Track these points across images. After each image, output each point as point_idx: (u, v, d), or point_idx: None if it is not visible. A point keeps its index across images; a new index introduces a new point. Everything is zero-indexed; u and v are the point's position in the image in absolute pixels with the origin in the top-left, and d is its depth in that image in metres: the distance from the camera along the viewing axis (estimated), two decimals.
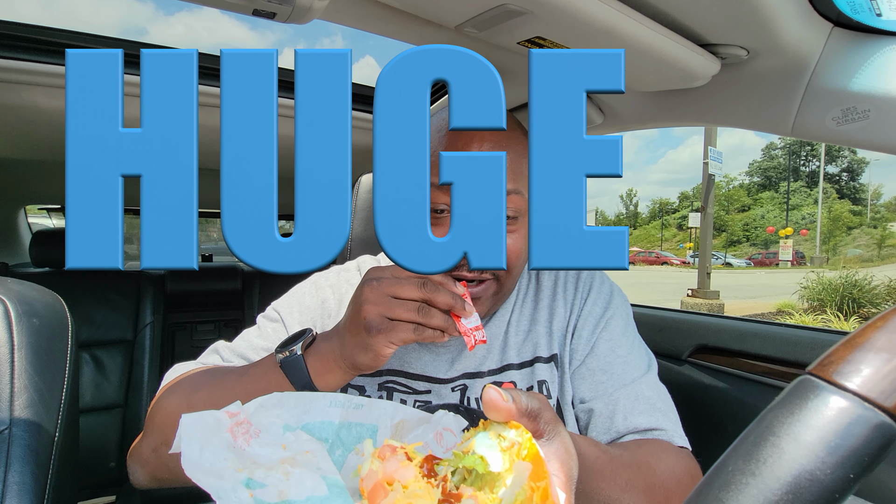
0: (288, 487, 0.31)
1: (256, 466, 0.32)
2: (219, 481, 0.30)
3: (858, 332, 0.23)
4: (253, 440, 0.34)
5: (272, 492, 0.31)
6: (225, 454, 0.32)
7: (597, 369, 0.60)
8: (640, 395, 0.58)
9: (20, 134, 1.21)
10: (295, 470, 0.32)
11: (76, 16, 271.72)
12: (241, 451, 0.33)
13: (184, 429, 0.32)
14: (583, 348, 0.62)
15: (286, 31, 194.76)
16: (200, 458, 0.31)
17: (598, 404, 0.59)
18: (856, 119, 0.63)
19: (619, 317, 0.64)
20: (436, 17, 0.61)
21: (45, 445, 0.47)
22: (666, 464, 0.51)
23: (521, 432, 0.31)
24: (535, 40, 0.63)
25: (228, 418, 0.34)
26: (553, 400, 0.61)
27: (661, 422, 0.57)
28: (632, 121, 0.95)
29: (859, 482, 0.20)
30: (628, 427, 0.56)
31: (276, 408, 0.37)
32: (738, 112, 0.78)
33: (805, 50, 0.65)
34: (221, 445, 0.32)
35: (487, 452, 0.30)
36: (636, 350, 0.63)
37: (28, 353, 0.47)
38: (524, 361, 0.62)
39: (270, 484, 0.31)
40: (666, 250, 50.29)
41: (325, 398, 0.39)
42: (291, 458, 0.34)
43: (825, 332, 0.88)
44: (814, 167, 51.13)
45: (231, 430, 0.33)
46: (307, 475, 0.32)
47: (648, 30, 0.61)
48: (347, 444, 0.38)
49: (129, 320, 1.72)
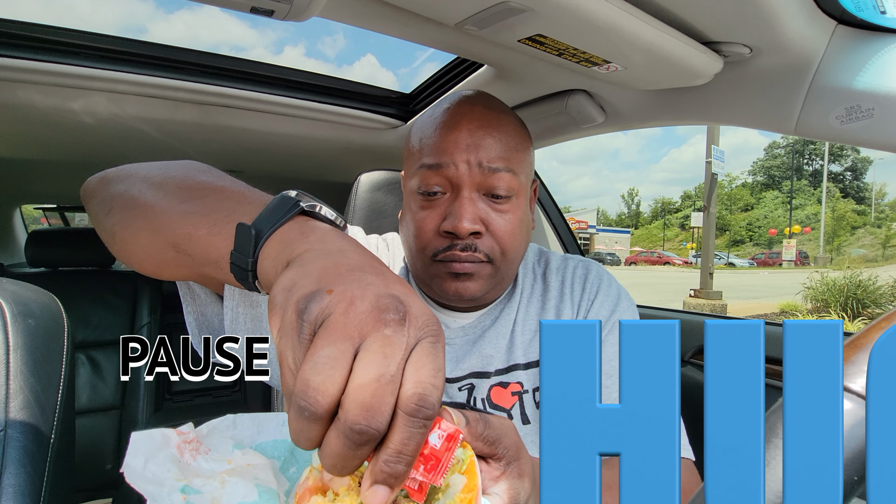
0: (221, 495, 0.32)
1: (196, 477, 0.33)
2: (157, 488, 0.31)
3: (862, 332, 0.23)
4: (200, 457, 0.34)
5: (206, 498, 0.32)
6: (168, 466, 0.33)
7: (602, 373, 0.59)
8: None
9: (15, 132, 1.20)
10: (232, 479, 0.33)
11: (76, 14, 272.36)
12: (185, 465, 0.34)
13: (132, 445, 0.32)
14: None
15: (287, 30, 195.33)
16: (144, 469, 0.32)
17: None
18: (860, 117, 0.63)
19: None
20: (435, 15, 0.61)
21: (41, 447, 0.47)
22: None
23: (466, 451, 0.31)
24: (536, 38, 0.63)
25: (177, 436, 0.35)
26: None
27: None
28: (633, 119, 0.95)
29: (864, 485, 0.19)
30: None
31: (228, 430, 0.38)
32: (740, 110, 0.77)
33: (808, 48, 0.65)
34: (167, 459, 0.33)
35: None
36: None
37: (24, 355, 0.47)
38: (530, 362, 0.62)
39: (206, 491, 0.32)
40: (668, 250, 50.18)
41: (277, 418, 0.39)
42: (232, 469, 0.34)
43: None
44: (817, 166, 50.94)
45: (179, 446, 0.34)
46: (242, 483, 0.33)
47: (650, 27, 0.60)
48: (301, 461, 0.39)
49: (125, 321, 1.72)
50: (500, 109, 0.60)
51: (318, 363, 0.23)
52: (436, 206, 0.57)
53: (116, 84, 0.95)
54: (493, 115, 0.58)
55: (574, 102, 0.95)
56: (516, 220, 0.57)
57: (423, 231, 0.57)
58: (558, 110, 0.98)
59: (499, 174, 0.55)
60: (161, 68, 0.97)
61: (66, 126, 1.12)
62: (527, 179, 0.60)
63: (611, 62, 0.69)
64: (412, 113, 1.26)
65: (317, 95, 1.14)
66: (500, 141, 0.56)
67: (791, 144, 49.09)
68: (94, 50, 0.92)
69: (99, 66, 0.92)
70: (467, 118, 0.57)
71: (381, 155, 1.45)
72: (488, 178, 0.55)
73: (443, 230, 0.56)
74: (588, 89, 0.94)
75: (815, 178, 50.26)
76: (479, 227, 0.55)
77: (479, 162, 0.55)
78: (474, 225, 0.54)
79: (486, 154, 0.55)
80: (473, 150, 0.55)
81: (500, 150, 0.56)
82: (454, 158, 0.55)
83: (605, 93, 0.92)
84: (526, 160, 0.60)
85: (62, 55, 0.90)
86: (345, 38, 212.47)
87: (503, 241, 0.56)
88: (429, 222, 0.57)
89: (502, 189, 0.56)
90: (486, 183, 0.56)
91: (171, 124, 1.15)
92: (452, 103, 0.60)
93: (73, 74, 0.91)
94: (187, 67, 1.00)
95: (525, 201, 0.60)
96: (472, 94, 0.61)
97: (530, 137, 0.63)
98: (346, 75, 57.34)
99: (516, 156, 0.57)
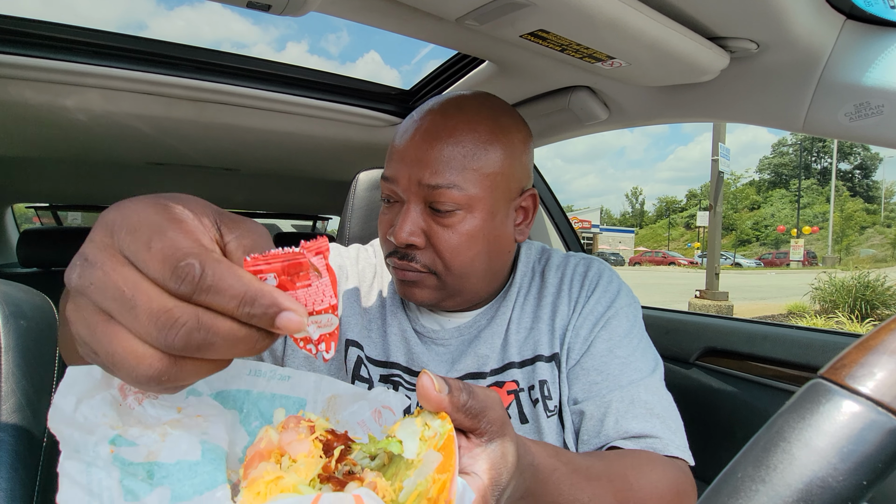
0: (160, 449, 0.28)
1: (135, 425, 0.28)
2: (83, 436, 0.26)
3: (872, 334, 0.22)
4: (147, 401, 0.29)
5: (141, 451, 0.28)
6: (105, 410, 0.28)
7: (591, 369, 0.58)
8: (635, 398, 0.55)
9: (7, 130, 1.20)
10: (175, 431, 0.29)
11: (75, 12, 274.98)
12: (127, 410, 0.29)
13: (64, 381, 0.28)
14: (579, 347, 0.60)
15: (290, 27, 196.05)
16: (74, 412, 0.27)
17: (589, 406, 0.56)
18: (869, 114, 0.62)
19: (623, 316, 0.61)
20: (436, 10, 0.60)
21: (33, 451, 0.46)
22: (648, 478, 0.47)
23: (445, 423, 0.29)
24: (538, 33, 0.62)
25: None
26: (554, 401, 0.59)
27: (656, 428, 0.53)
28: (638, 116, 0.93)
29: (873, 489, 0.19)
30: (619, 432, 0.53)
31: None
32: (747, 107, 0.76)
33: (817, 43, 0.64)
34: (104, 401, 0.28)
35: (407, 438, 0.28)
36: (640, 352, 0.60)
37: (15, 357, 0.46)
38: (525, 360, 0.61)
39: (142, 444, 0.28)
40: (673, 250, 49.93)
41: (246, 366, 0.36)
42: (178, 420, 0.30)
43: (837, 334, 0.87)
44: (826, 164, 50.45)
45: (121, 387, 0.29)
46: (186, 438, 0.29)
47: (655, 22, 0.60)
48: (267, 415, 0.35)
49: None
50: (463, 117, 0.56)
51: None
52: (390, 212, 0.59)
53: (110, 80, 0.95)
54: (448, 124, 0.55)
55: (577, 99, 0.94)
56: (464, 234, 0.55)
57: (381, 234, 0.60)
58: (561, 107, 0.97)
59: (439, 191, 0.54)
60: (156, 64, 0.97)
61: (59, 123, 1.12)
62: (490, 189, 0.56)
63: (614, 58, 0.68)
64: (412, 110, 1.25)
65: (315, 92, 1.13)
66: (447, 154, 0.54)
67: (799, 142, 48.66)
68: (88, 46, 0.91)
69: (93, 62, 0.91)
70: (419, 130, 0.56)
71: (381, 153, 1.44)
72: (430, 193, 0.54)
73: (388, 236, 0.58)
74: (591, 86, 0.93)
75: (824, 176, 49.79)
76: (416, 240, 0.55)
77: (419, 179, 0.54)
78: (410, 237, 0.55)
79: (427, 170, 0.54)
80: (416, 165, 0.54)
81: (443, 166, 0.54)
82: (398, 173, 0.56)
83: (608, 89, 0.91)
84: (490, 168, 0.55)
85: (55, 51, 0.89)
86: (349, 34, 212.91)
87: (444, 254, 0.55)
88: (384, 227, 0.59)
89: (444, 204, 0.54)
90: (429, 197, 0.55)
91: (166, 121, 1.14)
92: (418, 110, 0.59)
93: (66, 71, 0.90)
94: (183, 64, 0.99)
95: (486, 213, 0.56)
96: (439, 101, 0.59)
97: (522, 142, 0.60)
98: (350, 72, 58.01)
99: (469, 166, 0.54)
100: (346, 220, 0.92)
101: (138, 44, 0.96)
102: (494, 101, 0.60)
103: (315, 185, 2.08)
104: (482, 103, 0.58)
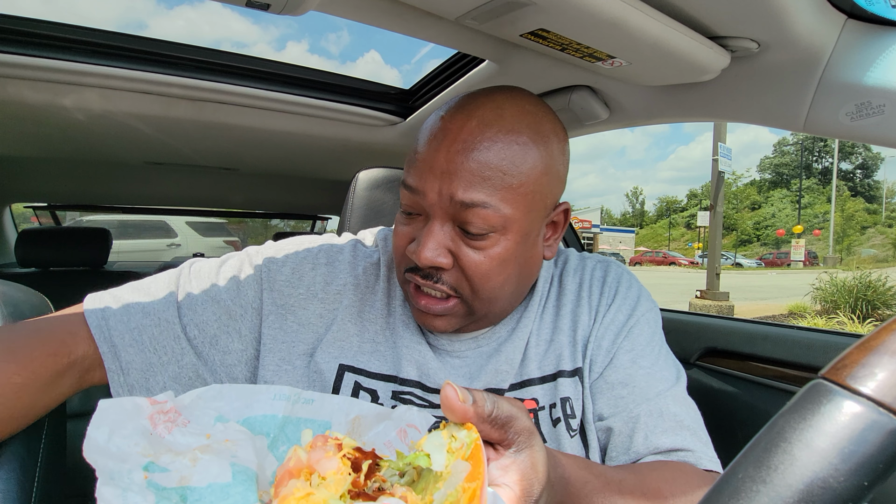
0: (191, 473, 0.29)
1: (166, 452, 0.29)
2: (117, 464, 0.27)
3: (873, 334, 0.22)
4: (176, 429, 0.31)
5: (173, 477, 0.28)
6: (137, 439, 0.29)
7: (616, 383, 0.55)
8: (664, 411, 0.53)
9: (5, 129, 1.19)
10: (205, 456, 0.29)
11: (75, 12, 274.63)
12: (157, 439, 0.30)
13: (97, 414, 0.29)
14: (602, 359, 0.56)
15: (291, 26, 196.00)
16: (108, 442, 0.28)
17: (616, 422, 0.53)
18: (870, 114, 0.62)
19: (645, 324, 0.59)
20: (435, 9, 0.60)
21: (31, 452, 0.46)
22: (682, 490, 0.45)
23: (471, 433, 0.29)
24: (538, 33, 0.62)
25: (150, 406, 0.31)
26: (577, 419, 0.55)
27: (687, 441, 0.51)
28: (638, 116, 0.93)
29: (874, 490, 0.19)
30: (649, 448, 0.51)
31: (214, 400, 0.34)
32: (748, 107, 0.76)
33: (818, 43, 0.64)
34: (136, 431, 0.29)
35: (434, 451, 0.28)
36: (663, 361, 0.57)
37: None
38: (546, 375, 0.56)
39: (174, 469, 0.28)
40: (674, 250, 49.89)
41: (269, 391, 0.36)
42: (207, 445, 0.30)
43: (838, 334, 0.86)
44: (827, 164, 50.38)
45: (151, 417, 0.30)
46: (216, 462, 0.29)
47: (656, 21, 0.59)
48: (293, 439, 0.35)
49: None
50: (503, 126, 0.49)
51: None
52: (412, 224, 0.52)
53: (109, 80, 0.94)
54: (487, 133, 0.48)
55: (577, 98, 0.94)
56: (496, 258, 0.49)
57: (398, 247, 0.54)
58: (561, 107, 0.97)
59: (473, 210, 0.47)
60: (155, 64, 0.96)
61: (57, 123, 1.12)
62: (527, 209, 0.50)
63: (615, 57, 0.68)
64: (411, 109, 1.25)
65: (314, 91, 1.13)
66: (485, 168, 0.47)
67: (800, 142, 48.61)
68: (86, 45, 0.91)
69: (91, 61, 0.91)
70: (451, 136, 0.48)
71: (380, 152, 1.43)
72: (461, 212, 0.48)
73: (408, 253, 0.52)
74: (592, 85, 0.93)
75: (825, 175, 49.73)
76: (442, 262, 0.49)
77: (452, 195, 0.47)
78: (437, 258, 0.49)
79: (461, 184, 0.47)
80: (447, 178, 0.47)
81: (480, 181, 0.47)
82: (426, 185, 0.49)
83: (609, 89, 0.91)
84: (530, 186, 0.49)
85: (53, 50, 0.89)
86: (349, 34, 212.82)
87: (473, 279, 0.50)
88: (402, 240, 0.53)
89: (476, 226, 0.48)
90: (458, 216, 0.48)
91: (165, 121, 1.14)
92: (448, 110, 0.51)
93: (64, 70, 0.90)
94: (181, 63, 0.99)
95: (520, 234, 0.51)
96: (473, 101, 0.51)
97: (561, 150, 0.53)
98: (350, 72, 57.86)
99: (508, 184, 0.48)
100: (346, 219, 0.92)
101: (137, 43, 0.96)
102: (534, 103, 0.53)
103: (314, 185, 2.08)
104: (523, 108, 0.51)
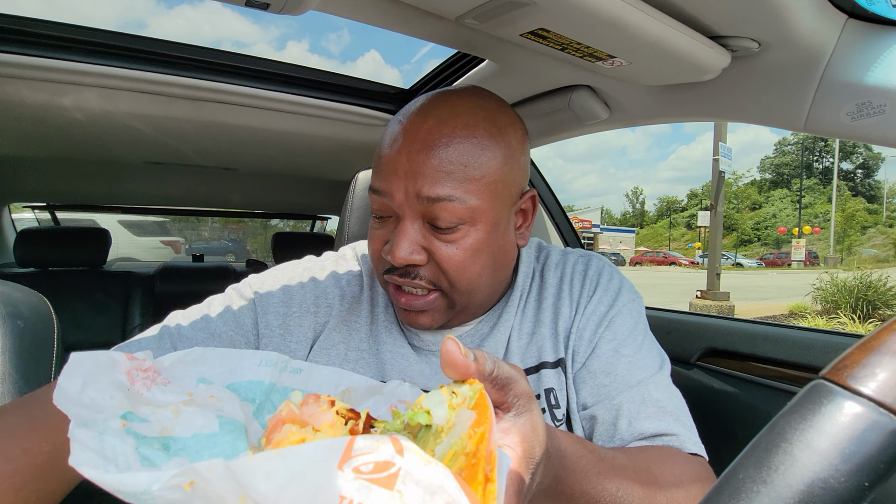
0: (174, 425, 0.26)
1: (146, 406, 0.27)
2: (93, 413, 0.25)
3: (874, 334, 0.22)
4: (155, 387, 0.28)
5: (154, 427, 0.26)
6: (112, 393, 0.26)
7: (598, 372, 0.56)
8: (647, 397, 0.54)
9: (3, 129, 1.19)
10: (189, 409, 0.27)
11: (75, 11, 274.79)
12: (136, 395, 0.27)
13: (68, 366, 0.26)
14: (584, 349, 0.58)
15: (291, 26, 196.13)
16: (81, 394, 0.25)
17: (600, 410, 0.54)
18: (871, 114, 0.61)
19: (627, 314, 0.60)
20: (435, 8, 0.60)
21: None
22: (672, 471, 0.46)
23: (473, 386, 0.27)
24: (538, 32, 0.62)
25: (128, 360, 0.29)
26: (562, 409, 0.56)
27: (671, 426, 0.52)
28: (638, 116, 0.93)
29: (875, 491, 0.19)
30: (633, 433, 0.52)
31: (196, 364, 0.32)
32: (749, 107, 0.76)
33: (819, 42, 0.64)
34: (111, 385, 0.27)
35: (435, 407, 0.27)
36: (645, 349, 0.58)
37: (12, 357, 0.46)
38: (529, 368, 0.58)
39: (154, 421, 0.26)
40: (674, 250, 49.87)
41: (255, 356, 0.34)
42: (190, 400, 0.28)
43: (839, 335, 0.86)
44: (827, 164, 50.35)
45: (129, 372, 0.28)
46: (200, 413, 0.27)
47: (656, 21, 0.59)
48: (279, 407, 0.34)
49: (117, 322, 1.71)
50: (459, 122, 0.51)
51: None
52: (384, 227, 0.54)
53: (108, 79, 0.94)
54: (444, 129, 0.50)
55: (578, 98, 0.94)
56: (468, 249, 0.51)
57: (373, 251, 0.56)
58: (561, 106, 0.97)
59: (440, 204, 0.49)
60: (154, 63, 0.96)
61: (56, 122, 1.11)
62: (493, 199, 0.52)
63: (615, 57, 0.68)
64: None
65: (314, 91, 1.13)
66: (446, 164, 0.49)
67: (801, 141, 48.58)
68: (86, 45, 0.91)
69: (90, 60, 0.91)
70: (410, 137, 0.50)
71: None
72: (429, 208, 0.50)
73: (384, 255, 0.54)
74: (592, 85, 0.93)
75: (826, 175, 49.70)
76: (417, 258, 0.51)
77: (418, 192, 0.49)
78: (411, 255, 0.51)
79: (426, 182, 0.49)
80: (412, 177, 0.49)
81: (444, 176, 0.49)
82: (392, 187, 0.51)
83: (609, 88, 0.91)
84: (492, 176, 0.52)
85: (52, 49, 0.89)
86: (349, 34, 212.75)
87: (449, 271, 0.52)
88: (376, 243, 0.55)
89: (445, 220, 0.50)
90: (427, 213, 0.50)
91: (164, 121, 1.14)
92: (405, 114, 0.54)
93: (63, 69, 0.90)
94: (181, 63, 0.99)
95: (489, 224, 0.52)
96: (427, 102, 0.54)
97: (520, 141, 0.56)
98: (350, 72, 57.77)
99: (470, 176, 0.50)
100: (346, 219, 0.92)
101: (136, 43, 0.96)
102: (488, 98, 0.56)
103: (314, 185, 2.08)
104: (477, 104, 0.53)
